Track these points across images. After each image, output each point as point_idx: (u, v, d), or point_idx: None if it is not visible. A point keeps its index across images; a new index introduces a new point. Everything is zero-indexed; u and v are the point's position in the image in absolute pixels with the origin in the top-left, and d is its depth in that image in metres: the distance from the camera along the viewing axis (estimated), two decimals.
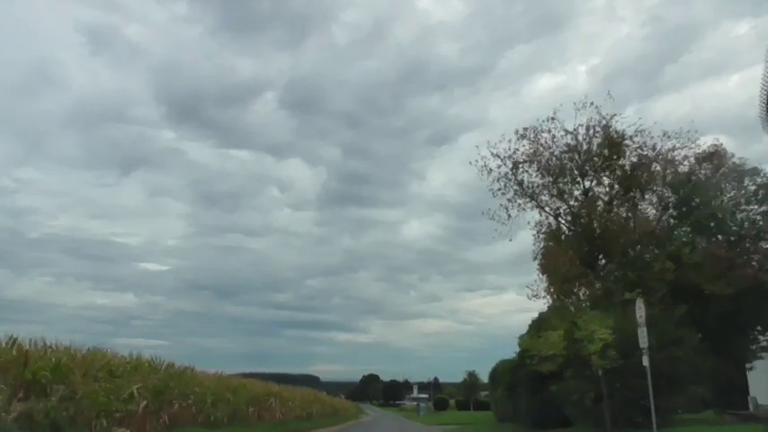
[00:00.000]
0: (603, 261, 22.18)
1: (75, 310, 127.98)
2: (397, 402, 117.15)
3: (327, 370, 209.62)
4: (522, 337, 21.79)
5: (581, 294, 19.69)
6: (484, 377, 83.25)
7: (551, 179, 24.14)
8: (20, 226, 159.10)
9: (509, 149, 23.97)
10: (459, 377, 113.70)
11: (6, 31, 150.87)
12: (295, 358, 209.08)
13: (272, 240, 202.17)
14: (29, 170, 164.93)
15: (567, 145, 23.39)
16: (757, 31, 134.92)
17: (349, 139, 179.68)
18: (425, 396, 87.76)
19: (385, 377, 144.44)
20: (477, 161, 24.43)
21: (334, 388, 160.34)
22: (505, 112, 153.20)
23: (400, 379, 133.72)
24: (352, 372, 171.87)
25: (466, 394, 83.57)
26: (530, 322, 22.65)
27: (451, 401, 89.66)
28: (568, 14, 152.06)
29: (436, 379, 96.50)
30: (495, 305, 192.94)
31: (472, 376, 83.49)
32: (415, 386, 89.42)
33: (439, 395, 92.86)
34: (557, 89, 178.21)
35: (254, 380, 28.77)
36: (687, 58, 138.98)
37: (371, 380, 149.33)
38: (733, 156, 21.92)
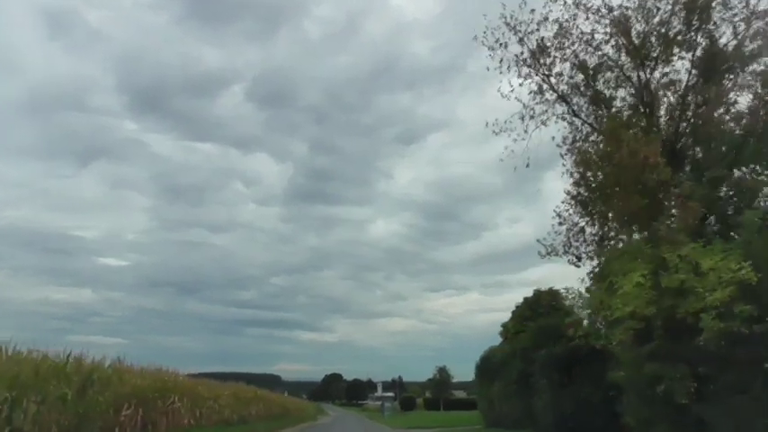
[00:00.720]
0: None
1: (29, 306, 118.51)
2: (360, 402, 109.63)
3: (291, 369, 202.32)
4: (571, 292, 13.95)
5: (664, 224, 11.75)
6: (456, 373, 77.00)
7: (587, 76, 16.53)
8: None
9: (530, 22, 16.19)
10: (423, 376, 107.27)
11: None
12: (259, 357, 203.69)
13: (237, 236, 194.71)
14: None
15: (614, 19, 15.73)
16: None
17: (317, 135, 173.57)
18: (391, 395, 79.75)
19: (349, 377, 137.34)
20: (485, 34, 16.47)
21: (296, 388, 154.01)
22: (473, 113, 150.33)
23: (364, 378, 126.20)
24: (316, 371, 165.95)
25: (435, 392, 75.65)
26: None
27: (419, 400, 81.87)
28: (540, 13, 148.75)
29: (400, 378, 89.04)
30: (458, 305, 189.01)
31: (443, 372, 75.93)
32: (380, 384, 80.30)
33: (405, 394, 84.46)
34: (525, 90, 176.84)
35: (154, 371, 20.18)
36: None
37: (334, 379, 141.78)
38: None
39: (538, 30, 16.36)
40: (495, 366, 23.17)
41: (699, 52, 15.00)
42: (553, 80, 16.69)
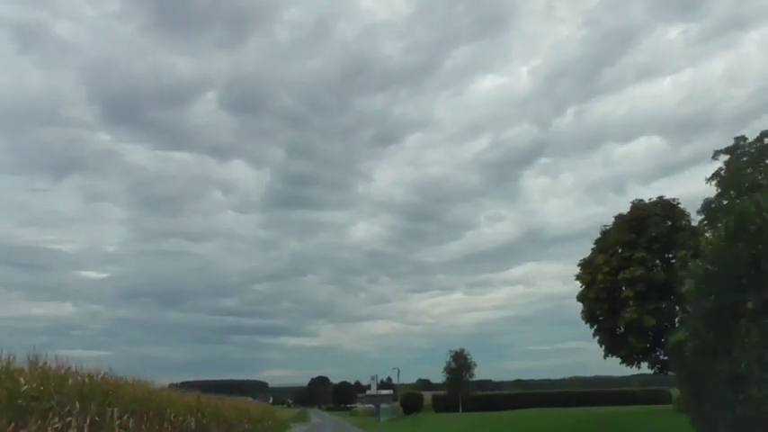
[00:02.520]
0: None
1: (6, 322, 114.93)
2: (348, 405, 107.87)
3: (278, 375, 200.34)
4: None
5: None
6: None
7: None
8: None
9: None
10: (411, 378, 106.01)
11: None
12: (244, 365, 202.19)
13: (217, 245, 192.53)
14: None
15: None
16: (686, 36, 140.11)
17: (293, 140, 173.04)
18: (389, 392, 64.61)
19: (336, 380, 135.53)
20: None
21: (282, 393, 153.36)
22: (450, 113, 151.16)
23: (351, 381, 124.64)
24: (302, 376, 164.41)
25: (451, 387, 53.62)
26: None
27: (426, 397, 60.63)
28: (510, 15, 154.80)
29: (390, 379, 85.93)
30: (443, 305, 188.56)
31: (461, 359, 52.34)
32: (373, 381, 64.30)
33: (408, 390, 65.69)
34: (500, 89, 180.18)
35: None
36: (623, 61, 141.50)
37: (320, 382, 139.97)
38: None
39: None
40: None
41: None
42: None
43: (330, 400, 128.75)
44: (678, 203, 27.31)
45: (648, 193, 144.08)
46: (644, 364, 27.40)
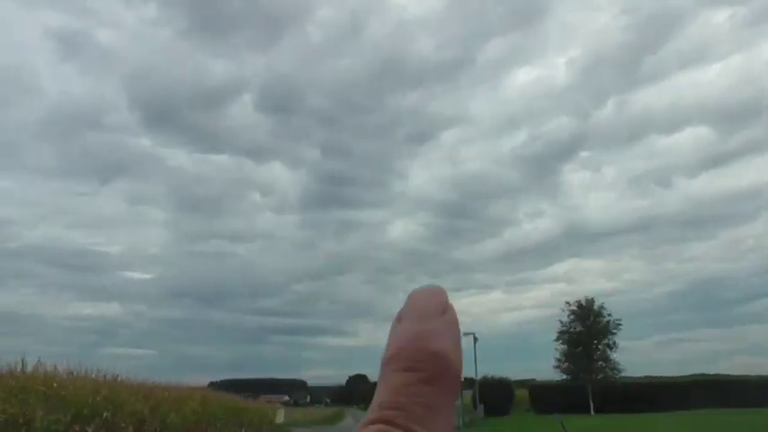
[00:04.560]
0: None
1: (59, 321, 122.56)
2: None
3: (318, 375, 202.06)
4: None
5: None
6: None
7: None
8: None
9: None
10: None
11: None
12: (285, 364, 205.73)
13: (256, 245, 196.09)
14: (4, 181, 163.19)
15: None
16: (734, 20, 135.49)
17: (328, 140, 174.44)
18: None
19: (375, 378, 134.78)
20: None
21: (321, 392, 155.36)
22: (486, 108, 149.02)
23: None
24: (342, 376, 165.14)
25: (576, 368, 35.73)
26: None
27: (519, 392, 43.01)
28: (545, 5, 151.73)
29: None
30: (481, 304, 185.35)
31: (589, 312, 35.62)
32: None
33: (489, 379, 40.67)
34: (536, 82, 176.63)
35: None
36: (666, 48, 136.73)
37: (358, 380, 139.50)
38: None
39: None
40: None
41: None
42: None
43: (369, 398, 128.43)
44: None
45: (697, 185, 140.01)
46: None
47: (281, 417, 37.20)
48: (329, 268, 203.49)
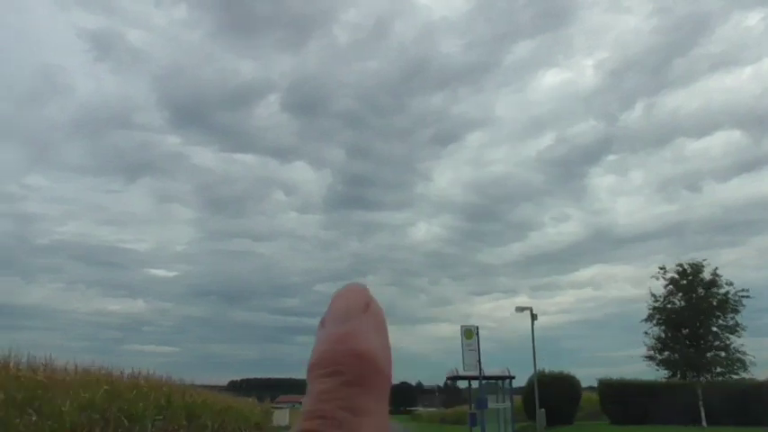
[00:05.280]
0: None
1: (86, 317, 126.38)
2: (409, 408, 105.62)
3: None
4: None
5: None
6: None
7: None
8: (28, 233, 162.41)
9: None
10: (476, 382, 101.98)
11: (11, 40, 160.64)
12: (305, 364, 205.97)
13: (280, 245, 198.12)
14: (36, 177, 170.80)
15: None
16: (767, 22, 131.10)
17: (353, 141, 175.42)
18: (501, 374, 23.34)
19: (395, 380, 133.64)
20: None
21: None
22: (512, 110, 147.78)
23: (413, 382, 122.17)
24: None
25: (679, 358, 26.14)
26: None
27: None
28: (572, 6, 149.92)
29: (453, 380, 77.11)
30: (506, 308, 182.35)
31: (695, 268, 26.48)
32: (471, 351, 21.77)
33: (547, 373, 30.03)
34: (563, 84, 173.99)
35: None
36: (697, 51, 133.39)
37: None
38: None
39: None
40: None
41: None
42: None
43: (390, 400, 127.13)
44: None
45: (728, 190, 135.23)
46: None
47: (284, 419, 35.52)
48: (352, 269, 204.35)
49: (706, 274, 26.05)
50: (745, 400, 24.90)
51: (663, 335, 26.60)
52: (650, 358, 26.67)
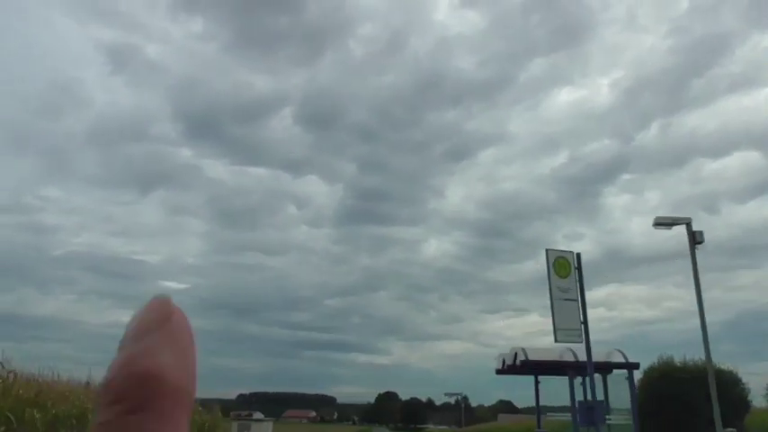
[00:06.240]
0: None
1: (98, 328, 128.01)
2: (418, 426, 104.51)
3: (348, 391, 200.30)
4: None
5: None
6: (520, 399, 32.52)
7: None
8: (44, 244, 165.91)
9: None
10: (487, 400, 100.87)
11: (29, 53, 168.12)
12: (315, 379, 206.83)
13: (290, 258, 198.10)
14: (52, 188, 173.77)
15: None
16: None
17: (366, 155, 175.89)
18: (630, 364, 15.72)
19: (405, 397, 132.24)
20: None
21: (350, 409, 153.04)
22: (525, 127, 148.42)
23: (422, 398, 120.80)
24: (371, 394, 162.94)
25: None
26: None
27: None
28: (588, 25, 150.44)
29: (466, 398, 78.79)
30: (517, 327, 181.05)
31: None
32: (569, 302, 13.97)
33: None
34: (578, 103, 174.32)
35: None
36: (714, 72, 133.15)
37: (387, 398, 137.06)
38: None
39: None
40: None
41: None
42: None
43: (398, 418, 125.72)
44: None
45: (745, 212, 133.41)
46: None
47: None
48: (362, 284, 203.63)
49: None
50: None
51: None
52: None
